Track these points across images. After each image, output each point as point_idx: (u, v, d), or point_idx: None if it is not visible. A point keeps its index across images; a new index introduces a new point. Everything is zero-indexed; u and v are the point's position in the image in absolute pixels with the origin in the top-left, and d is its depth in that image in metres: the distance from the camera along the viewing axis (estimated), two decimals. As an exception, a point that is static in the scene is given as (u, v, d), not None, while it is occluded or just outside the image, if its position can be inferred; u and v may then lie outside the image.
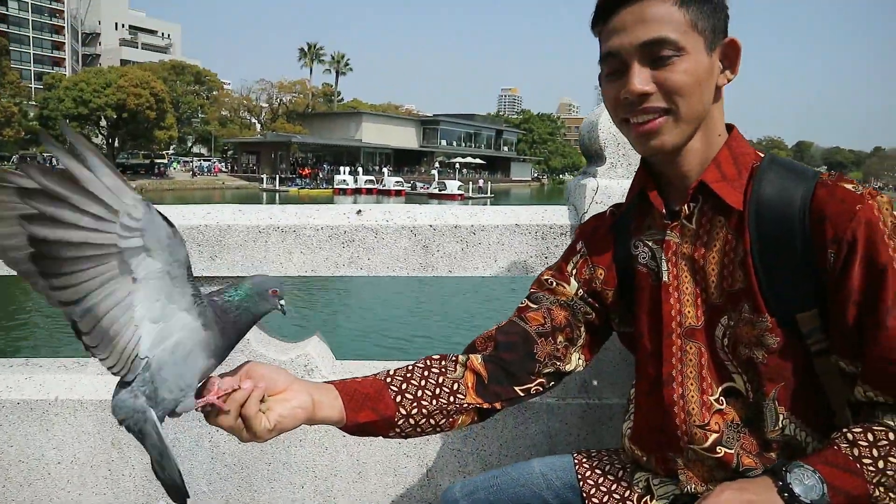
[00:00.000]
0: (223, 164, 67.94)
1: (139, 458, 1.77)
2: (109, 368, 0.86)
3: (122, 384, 0.88)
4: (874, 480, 0.89)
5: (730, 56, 1.04)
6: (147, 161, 58.01)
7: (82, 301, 0.79)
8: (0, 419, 1.75)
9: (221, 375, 0.95)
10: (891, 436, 0.91)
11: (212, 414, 0.93)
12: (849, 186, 0.95)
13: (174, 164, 60.48)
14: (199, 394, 0.92)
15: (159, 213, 0.82)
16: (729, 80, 1.05)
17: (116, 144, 53.35)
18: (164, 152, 63.46)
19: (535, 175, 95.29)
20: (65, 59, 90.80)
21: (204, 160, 69.01)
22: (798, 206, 0.97)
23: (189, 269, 0.87)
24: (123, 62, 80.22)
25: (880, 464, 0.89)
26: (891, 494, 0.90)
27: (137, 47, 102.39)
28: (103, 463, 1.78)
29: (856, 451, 0.90)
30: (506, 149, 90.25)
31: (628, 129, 1.06)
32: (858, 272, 0.92)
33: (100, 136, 53.88)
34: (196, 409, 0.92)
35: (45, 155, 57.33)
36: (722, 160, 1.05)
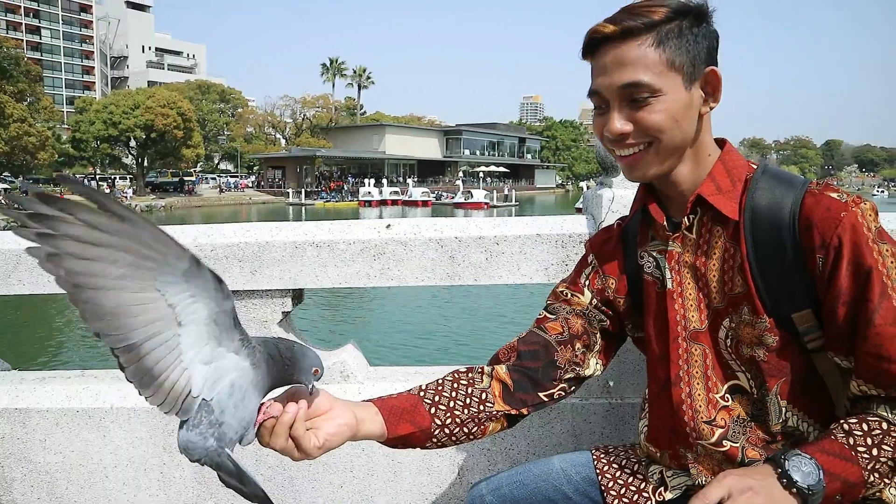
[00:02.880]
0: (249, 179, 69.02)
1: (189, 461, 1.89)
2: (158, 406, 0.89)
3: (186, 425, 0.94)
4: (868, 467, 0.95)
5: (711, 85, 1.08)
6: (176, 179, 59.28)
7: (124, 337, 0.83)
8: (62, 426, 1.89)
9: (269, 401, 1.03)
10: (884, 425, 0.97)
11: (264, 437, 1.00)
12: (834, 195, 1.02)
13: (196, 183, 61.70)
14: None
15: (209, 269, 0.87)
16: (712, 108, 1.10)
17: (146, 163, 54.57)
18: (191, 170, 64.69)
19: (560, 182, 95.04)
20: (94, 82, 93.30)
21: (231, 176, 70.22)
22: (788, 215, 1.04)
23: (235, 318, 0.93)
24: (151, 83, 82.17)
25: (874, 451, 0.95)
26: (885, 480, 0.97)
27: (164, 68, 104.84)
28: (156, 466, 1.91)
29: (851, 440, 0.96)
30: (529, 156, 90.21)
31: (615, 156, 1.15)
32: (846, 275, 0.99)
33: (130, 156, 55.24)
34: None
35: (78, 176, 58.80)
36: (716, 174, 1.11)
